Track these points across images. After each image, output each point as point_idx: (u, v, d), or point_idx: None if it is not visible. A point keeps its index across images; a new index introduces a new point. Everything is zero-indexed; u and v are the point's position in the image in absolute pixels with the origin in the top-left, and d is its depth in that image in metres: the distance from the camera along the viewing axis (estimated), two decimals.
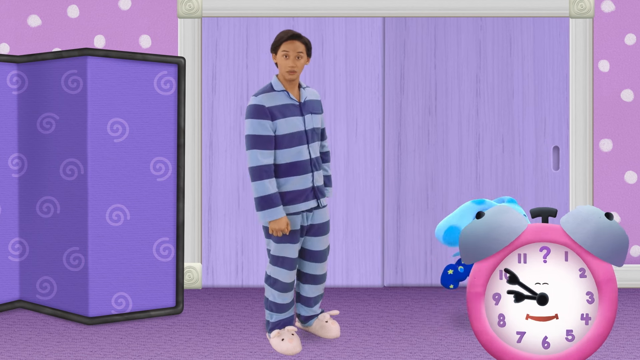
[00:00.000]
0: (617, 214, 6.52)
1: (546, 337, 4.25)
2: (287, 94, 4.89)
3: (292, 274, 4.95)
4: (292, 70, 4.82)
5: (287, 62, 4.84)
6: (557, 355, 4.22)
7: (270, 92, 4.87)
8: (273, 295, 4.97)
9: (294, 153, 4.85)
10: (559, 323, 4.25)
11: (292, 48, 4.85)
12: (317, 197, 4.97)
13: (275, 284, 4.95)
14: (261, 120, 4.77)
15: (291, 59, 4.84)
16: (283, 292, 4.96)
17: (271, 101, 4.83)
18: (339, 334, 5.20)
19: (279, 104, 4.84)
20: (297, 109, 4.89)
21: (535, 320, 4.23)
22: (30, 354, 4.85)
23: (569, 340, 4.24)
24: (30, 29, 6.48)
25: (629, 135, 6.50)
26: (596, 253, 4.14)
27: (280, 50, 4.86)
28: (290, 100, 4.88)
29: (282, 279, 4.93)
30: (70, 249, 5.55)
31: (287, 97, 4.89)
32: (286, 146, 4.83)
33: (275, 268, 4.92)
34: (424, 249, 6.54)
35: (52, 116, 5.61)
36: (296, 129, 4.85)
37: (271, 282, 4.96)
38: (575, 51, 6.46)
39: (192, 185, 6.48)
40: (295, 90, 4.93)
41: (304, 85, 5.02)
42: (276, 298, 4.96)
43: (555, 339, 4.26)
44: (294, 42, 4.86)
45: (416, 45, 6.52)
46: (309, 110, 4.94)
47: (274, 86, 4.90)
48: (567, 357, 4.21)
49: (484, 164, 6.52)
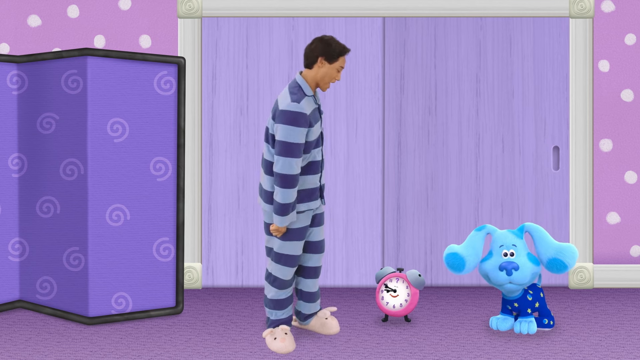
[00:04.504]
0: (617, 213, 6.52)
1: None
2: (314, 99, 4.86)
3: (293, 271, 4.99)
4: (332, 83, 4.90)
5: (336, 76, 4.85)
6: None
7: (306, 98, 4.79)
8: (272, 293, 5.00)
9: (313, 155, 4.88)
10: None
11: (344, 64, 4.88)
12: (322, 195, 5.05)
13: (275, 281, 4.97)
14: (302, 129, 4.71)
15: (340, 73, 4.92)
16: (281, 289, 4.99)
17: (309, 108, 4.78)
18: (339, 329, 5.24)
19: (312, 110, 4.82)
20: (318, 112, 4.92)
21: None
22: (30, 354, 4.85)
23: None
24: (30, 29, 6.48)
25: (629, 135, 6.50)
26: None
27: (337, 62, 4.83)
28: (315, 105, 4.89)
29: (283, 276, 4.96)
30: (70, 249, 5.55)
31: (314, 101, 4.86)
32: (309, 149, 4.85)
33: (278, 266, 4.94)
34: (424, 249, 6.54)
35: (52, 116, 5.61)
36: (318, 132, 4.88)
37: (271, 279, 4.99)
38: (575, 51, 6.46)
39: (192, 185, 6.48)
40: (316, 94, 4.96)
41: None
42: (275, 295, 4.99)
43: None
44: (345, 57, 4.93)
45: (416, 45, 6.52)
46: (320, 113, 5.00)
47: (305, 91, 4.81)
48: None
49: (484, 164, 6.52)
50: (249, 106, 6.53)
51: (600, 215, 6.51)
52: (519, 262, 5.22)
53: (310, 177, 4.90)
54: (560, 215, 6.54)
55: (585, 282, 6.49)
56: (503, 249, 5.27)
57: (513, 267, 5.19)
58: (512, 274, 5.19)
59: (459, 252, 5.31)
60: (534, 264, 5.25)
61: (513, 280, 5.20)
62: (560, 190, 6.53)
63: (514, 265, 5.20)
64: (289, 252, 4.92)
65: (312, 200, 4.93)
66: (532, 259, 5.26)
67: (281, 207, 4.77)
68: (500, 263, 5.23)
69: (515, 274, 5.19)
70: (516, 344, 5.04)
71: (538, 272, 5.27)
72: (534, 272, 5.24)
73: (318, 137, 4.89)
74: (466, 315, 5.71)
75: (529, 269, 5.22)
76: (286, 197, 4.74)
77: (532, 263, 5.24)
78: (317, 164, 4.92)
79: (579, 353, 4.87)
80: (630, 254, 6.52)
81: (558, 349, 4.95)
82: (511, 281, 5.21)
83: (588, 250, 6.50)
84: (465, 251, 5.31)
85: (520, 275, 5.19)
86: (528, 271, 5.21)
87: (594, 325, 5.45)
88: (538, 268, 5.26)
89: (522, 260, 5.23)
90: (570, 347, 4.99)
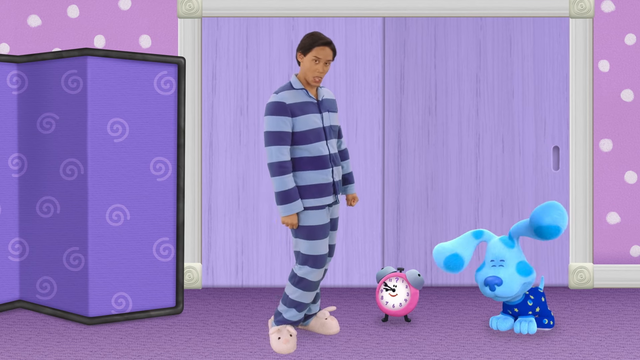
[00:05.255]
0: (617, 213, 6.52)
1: None
2: (306, 92, 4.90)
3: (321, 272, 4.94)
4: (319, 77, 4.84)
5: (317, 67, 4.83)
6: None
7: (291, 90, 4.87)
8: (297, 294, 4.93)
9: (314, 149, 4.86)
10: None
11: (324, 54, 4.85)
12: (336, 192, 5.00)
13: (301, 282, 4.91)
14: (281, 117, 4.78)
15: (320, 65, 4.84)
16: (307, 290, 4.93)
17: (292, 98, 4.83)
18: (339, 329, 5.24)
19: (299, 101, 4.85)
20: (316, 106, 4.90)
21: None
22: (30, 354, 4.85)
23: None
24: (30, 29, 6.48)
25: (629, 135, 6.49)
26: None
27: (311, 53, 4.84)
28: (309, 98, 4.89)
29: (311, 277, 4.90)
30: (70, 249, 5.55)
31: (306, 94, 4.90)
32: (306, 142, 4.85)
33: (305, 268, 4.90)
34: (424, 249, 6.53)
35: (52, 116, 5.61)
36: (315, 125, 4.86)
37: (296, 280, 4.93)
38: (575, 51, 6.46)
39: (192, 185, 6.48)
40: (313, 90, 4.95)
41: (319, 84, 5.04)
42: (299, 297, 4.93)
43: None
44: (325, 49, 4.84)
45: (416, 45, 6.51)
46: (326, 108, 4.96)
47: (293, 84, 4.91)
48: None
49: (484, 164, 6.52)
50: (249, 106, 6.53)
51: (600, 215, 6.51)
52: (506, 276, 5.20)
53: (317, 173, 4.88)
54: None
55: (585, 282, 6.49)
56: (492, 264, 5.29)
57: (496, 283, 5.19)
58: (494, 289, 5.19)
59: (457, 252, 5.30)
60: (522, 275, 5.22)
61: (498, 295, 5.20)
62: (560, 190, 6.53)
63: (497, 281, 5.19)
64: (315, 252, 4.88)
65: (324, 196, 4.91)
66: (522, 270, 5.23)
67: (278, 195, 4.79)
68: (485, 278, 5.24)
69: (498, 289, 5.19)
70: (516, 344, 5.04)
71: (530, 281, 5.25)
72: (525, 282, 5.21)
73: (319, 130, 4.88)
74: (466, 315, 5.71)
75: (515, 281, 5.19)
76: (280, 185, 4.77)
77: (520, 275, 5.22)
78: (324, 158, 4.90)
79: (579, 353, 4.87)
80: (630, 254, 6.52)
81: (558, 349, 4.95)
82: (496, 295, 5.21)
83: (588, 250, 6.50)
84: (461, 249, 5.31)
85: (504, 290, 5.18)
86: (515, 284, 5.18)
87: (594, 325, 5.45)
88: (528, 278, 5.23)
89: (509, 272, 5.21)
90: (570, 347, 4.99)
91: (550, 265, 6.55)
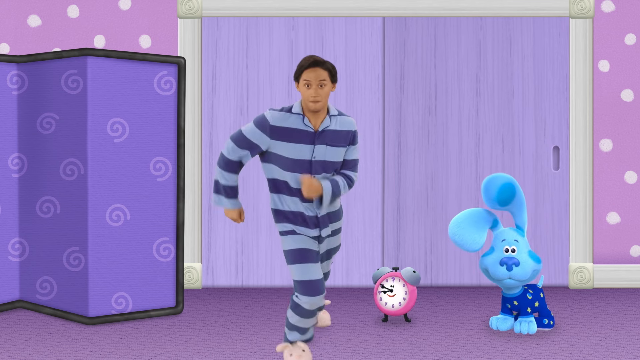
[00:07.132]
0: (617, 213, 6.52)
1: None
2: (302, 119, 4.57)
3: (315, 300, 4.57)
4: (315, 100, 4.50)
5: (309, 92, 4.52)
6: None
7: (286, 113, 4.58)
8: (294, 318, 4.67)
9: (293, 178, 4.57)
10: None
11: (314, 77, 4.52)
12: (320, 227, 4.65)
13: (297, 308, 4.62)
14: (258, 130, 4.54)
15: (313, 89, 4.51)
16: (304, 317, 4.64)
17: (281, 121, 4.56)
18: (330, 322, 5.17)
19: (289, 127, 4.56)
20: (309, 136, 4.56)
21: None
22: (30, 354, 4.85)
23: None
24: (30, 29, 6.48)
25: (629, 135, 6.50)
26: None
27: (301, 79, 4.54)
28: (304, 126, 4.56)
29: (305, 306, 4.58)
30: (70, 249, 5.55)
31: (301, 121, 4.57)
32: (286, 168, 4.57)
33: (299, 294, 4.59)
34: (424, 249, 6.54)
35: (52, 116, 5.61)
36: (300, 156, 4.54)
37: (293, 305, 4.65)
38: (575, 51, 6.46)
39: (192, 185, 6.48)
40: (316, 117, 4.60)
41: (335, 112, 4.64)
42: (297, 322, 4.67)
43: None
44: (315, 70, 4.52)
45: (416, 45, 6.52)
46: (325, 140, 4.57)
47: (292, 108, 4.60)
48: None
49: (484, 164, 6.52)
50: (249, 106, 6.54)
51: (600, 215, 6.51)
52: (520, 259, 5.23)
53: (290, 201, 4.61)
54: (560, 215, 6.54)
55: (585, 282, 6.49)
56: (505, 244, 5.28)
57: (514, 263, 5.20)
58: (512, 269, 5.19)
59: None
60: (535, 261, 5.25)
61: (513, 276, 5.20)
62: (560, 190, 6.53)
63: (514, 260, 5.21)
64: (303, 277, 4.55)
65: (296, 225, 4.61)
66: (533, 257, 5.27)
67: (214, 183, 4.69)
68: (501, 258, 5.24)
69: (515, 269, 5.19)
70: (516, 344, 5.04)
71: (539, 269, 5.28)
72: (535, 269, 5.24)
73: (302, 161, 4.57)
74: (466, 315, 5.71)
75: (529, 265, 5.22)
76: (215, 174, 4.65)
77: (533, 260, 5.25)
78: (289, 188, 4.60)
79: (579, 353, 4.87)
80: (630, 254, 6.52)
81: (558, 349, 4.95)
82: (511, 276, 5.21)
83: (588, 250, 6.50)
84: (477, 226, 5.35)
85: (520, 272, 5.20)
86: (529, 268, 5.22)
87: (594, 325, 5.45)
88: (539, 266, 5.26)
89: (523, 257, 5.24)
90: (570, 347, 5.00)
91: (550, 265, 6.55)
